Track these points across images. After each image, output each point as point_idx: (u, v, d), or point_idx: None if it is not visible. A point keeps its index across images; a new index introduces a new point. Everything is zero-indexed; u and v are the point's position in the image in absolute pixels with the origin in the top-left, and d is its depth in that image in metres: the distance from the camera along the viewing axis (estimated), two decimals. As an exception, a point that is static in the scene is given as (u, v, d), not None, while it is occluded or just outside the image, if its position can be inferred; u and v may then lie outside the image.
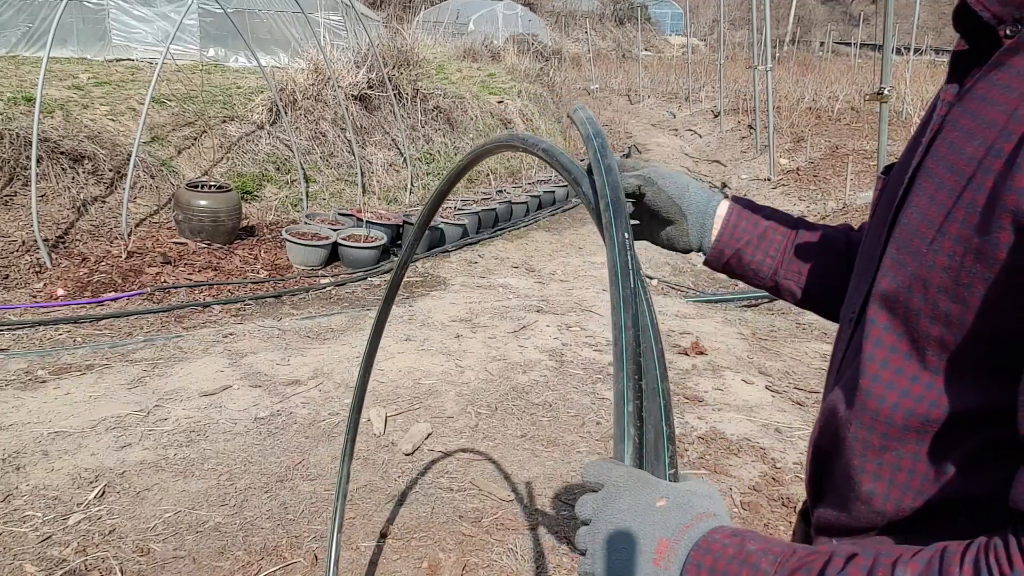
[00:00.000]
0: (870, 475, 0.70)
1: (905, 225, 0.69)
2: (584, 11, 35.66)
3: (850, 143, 11.41)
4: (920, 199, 0.68)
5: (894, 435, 0.67)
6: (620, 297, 0.70)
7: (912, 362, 0.66)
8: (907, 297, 0.66)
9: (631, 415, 0.62)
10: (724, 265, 1.03)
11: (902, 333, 0.67)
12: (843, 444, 0.73)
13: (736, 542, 0.58)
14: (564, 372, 4.24)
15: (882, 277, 0.70)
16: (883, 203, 0.81)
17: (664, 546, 0.58)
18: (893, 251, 0.69)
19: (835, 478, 0.77)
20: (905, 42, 20.26)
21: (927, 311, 0.63)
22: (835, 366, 0.84)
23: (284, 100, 8.27)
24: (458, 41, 17.43)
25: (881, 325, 0.69)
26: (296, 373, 4.03)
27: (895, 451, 0.68)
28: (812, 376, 4.33)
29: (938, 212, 0.64)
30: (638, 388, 0.64)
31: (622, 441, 0.62)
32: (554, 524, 2.85)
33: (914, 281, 0.65)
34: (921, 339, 0.65)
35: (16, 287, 5.24)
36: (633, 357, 0.65)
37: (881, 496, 0.70)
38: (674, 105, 20.98)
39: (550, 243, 8.56)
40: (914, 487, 0.67)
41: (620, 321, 0.68)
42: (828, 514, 0.79)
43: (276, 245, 6.77)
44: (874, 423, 0.69)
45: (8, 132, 6.04)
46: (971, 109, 0.66)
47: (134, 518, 2.70)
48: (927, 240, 0.64)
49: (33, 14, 9.81)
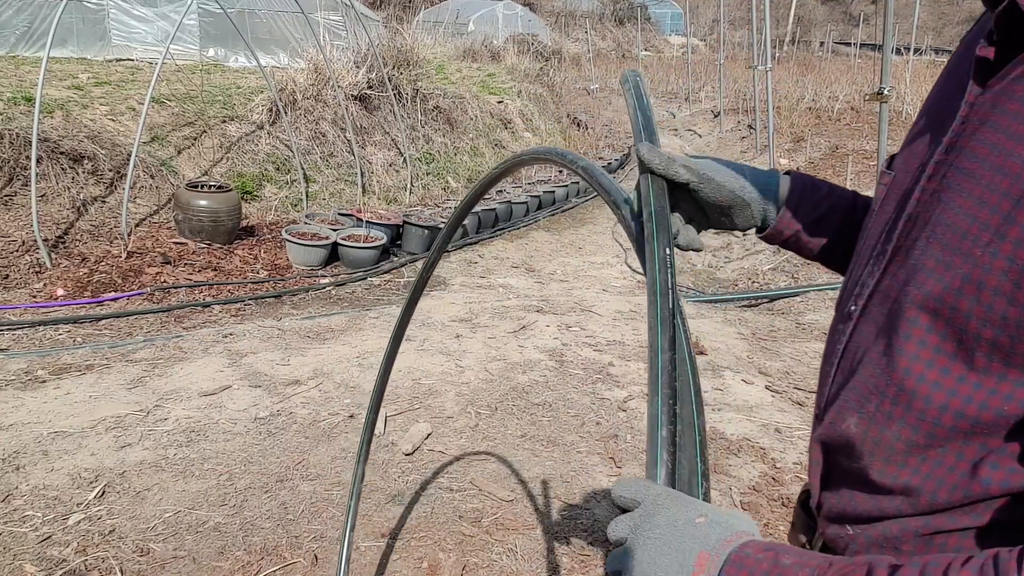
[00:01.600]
0: (910, 470, 0.71)
1: (949, 226, 0.68)
2: (584, 11, 35.66)
3: (850, 143, 11.41)
4: (963, 200, 0.67)
5: (941, 435, 0.67)
6: (659, 319, 0.67)
7: (958, 363, 0.66)
8: (955, 299, 0.65)
9: (665, 440, 0.61)
10: (782, 243, 1.04)
11: (947, 334, 0.67)
12: (880, 443, 0.73)
13: (770, 556, 0.57)
14: (564, 372, 4.24)
15: (924, 278, 0.69)
16: (892, 199, 0.81)
17: (704, 559, 0.58)
18: (936, 251, 0.68)
19: (853, 471, 0.77)
20: (905, 42, 20.25)
21: (979, 313, 0.63)
22: (834, 360, 0.83)
23: (284, 100, 8.27)
24: (458, 41, 17.43)
25: (923, 326, 0.69)
26: (296, 373, 4.03)
27: (939, 448, 0.68)
28: (812, 376, 4.33)
29: (992, 215, 0.64)
30: (672, 414, 0.62)
31: (655, 466, 0.61)
32: (554, 524, 2.85)
33: (965, 284, 0.64)
34: (970, 340, 0.64)
35: (16, 287, 5.24)
36: (669, 382, 0.63)
37: (916, 489, 0.70)
38: (674, 105, 20.98)
39: (550, 243, 8.56)
40: (951, 481, 0.68)
41: (657, 343, 0.66)
42: (843, 503, 0.79)
43: (276, 245, 6.77)
44: (920, 423, 0.69)
45: (8, 132, 6.04)
46: (1014, 111, 0.65)
47: (134, 518, 2.70)
48: (982, 242, 0.64)
49: (33, 14, 9.81)
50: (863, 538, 0.77)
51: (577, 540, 2.76)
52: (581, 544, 2.73)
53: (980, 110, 0.69)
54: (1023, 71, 0.66)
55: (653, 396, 0.63)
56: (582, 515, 2.90)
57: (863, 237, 0.86)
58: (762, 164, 11.44)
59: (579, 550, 2.70)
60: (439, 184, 9.54)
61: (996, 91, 0.68)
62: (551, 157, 1.04)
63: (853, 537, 0.78)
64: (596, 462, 3.30)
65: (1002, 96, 0.67)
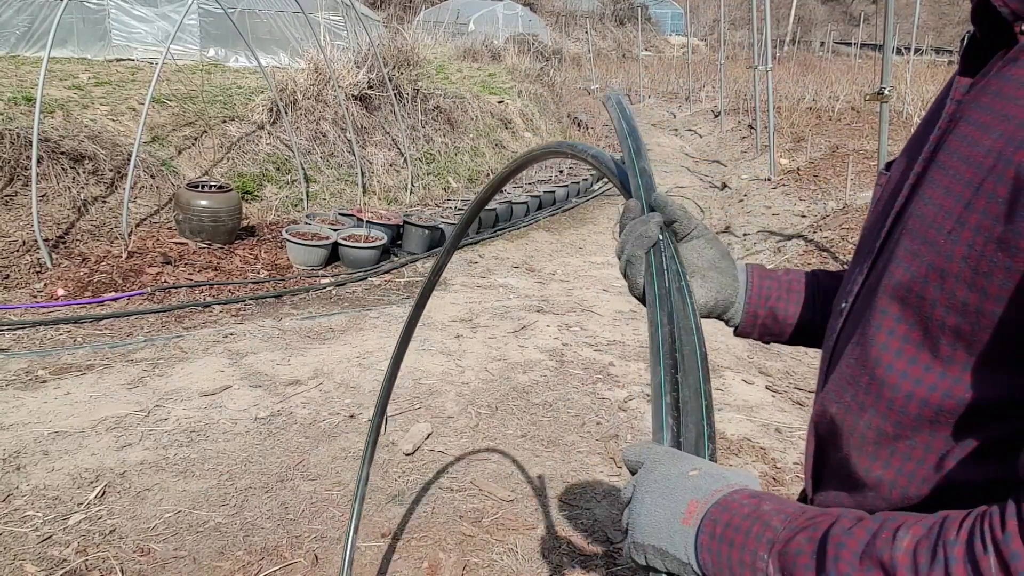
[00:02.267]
0: (881, 462, 0.71)
1: (919, 217, 0.69)
2: (584, 11, 35.65)
3: (850, 143, 11.41)
4: (934, 192, 0.69)
5: (908, 424, 0.68)
6: (656, 296, 0.73)
7: (924, 352, 0.67)
8: (922, 287, 0.66)
9: (669, 406, 0.66)
10: (760, 326, 1.01)
11: (915, 323, 0.68)
12: (853, 432, 0.74)
13: (753, 502, 0.61)
14: (564, 372, 4.24)
15: (895, 268, 0.71)
16: (886, 198, 0.82)
17: (694, 507, 0.62)
18: (907, 242, 0.70)
19: (837, 465, 0.78)
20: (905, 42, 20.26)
21: (943, 300, 0.64)
22: (827, 355, 0.85)
23: (284, 100, 8.27)
24: (458, 41, 17.42)
25: (893, 315, 0.70)
26: (296, 373, 4.03)
27: (907, 440, 0.69)
28: (812, 376, 4.32)
29: (955, 203, 0.65)
30: (674, 381, 0.67)
31: (660, 431, 0.65)
32: (554, 524, 2.85)
33: (930, 271, 0.65)
34: (935, 328, 0.65)
35: (16, 287, 5.24)
36: (669, 352, 0.68)
37: (888, 483, 0.71)
38: (674, 105, 20.98)
39: (550, 243, 8.56)
40: (921, 475, 0.68)
41: (656, 319, 0.71)
42: (829, 500, 0.80)
43: (276, 245, 6.77)
44: (889, 412, 0.70)
45: (8, 132, 6.04)
46: (986, 104, 0.67)
47: (134, 518, 2.70)
48: (945, 230, 0.65)
49: (33, 14, 9.81)
50: None
51: (577, 540, 2.76)
52: (581, 544, 2.74)
53: (963, 107, 0.71)
54: (999, 67, 0.68)
55: (655, 366, 0.68)
56: (582, 515, 2.91)
57: (861, 239, 0.88)
58: (762, 164, 11.44)
59: (579, 550, 2.70)
60: (440, 184, 9.54)
61: (979, 87, 0.70)
62: (563, 150, 1.06)
63: None
64: (596, 462, 3.30)
65: (980, 91, 0.69)
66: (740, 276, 0.98)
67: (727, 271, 0.95)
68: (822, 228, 7.48)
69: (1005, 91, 0.65)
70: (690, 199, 11.25)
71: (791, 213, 8.76)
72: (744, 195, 10.51)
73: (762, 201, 9.73)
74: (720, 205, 10.68)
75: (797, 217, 8.53)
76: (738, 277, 0.97)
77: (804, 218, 8.37)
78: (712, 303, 0.94)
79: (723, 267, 0.94)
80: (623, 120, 0.96)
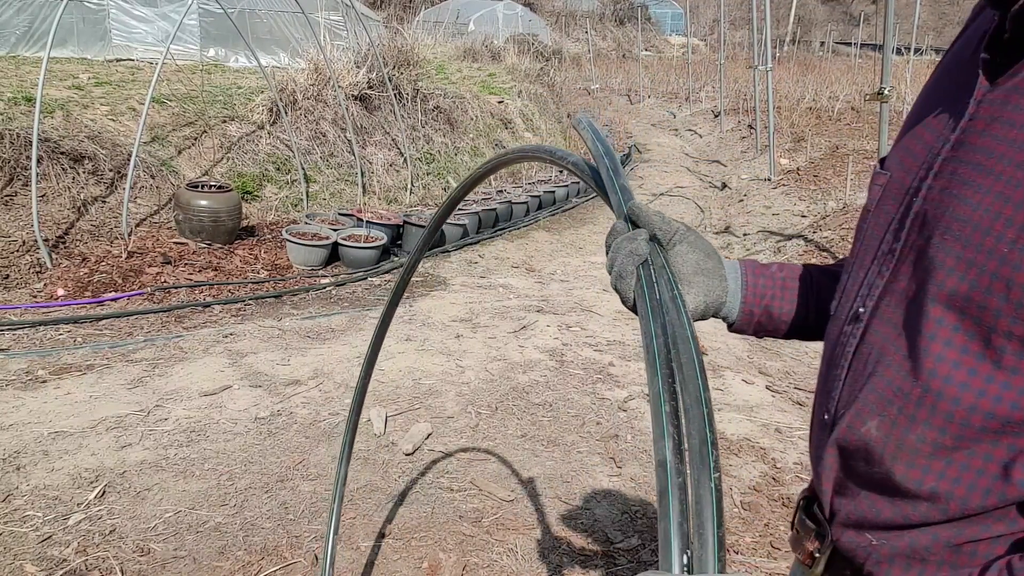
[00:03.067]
0: (935, 474, 0.70)
1: (966, 222, 0.67)
2: (584, 11, 35.66)
3: (850, 143, 11.41)
4: (981, 196, 0.67)
5: (969, 436, 0.67)
6: (648, 308, 0.75)
7: (986, 363, 0.65)
8: (984, 297, 0.65)
9: (668, 415, 0.66)
10: (755, 324, 1.00)
11: (974, 334, 0.66)
12: (903, 446, 0.72)
13: None
14: (564, 372, 4.24)
15: (945, 277, 0.68)
16: (891, 197, 0.80)
17: None
18: (955, 249, 0.68)
19: (874, 477, 0.76)
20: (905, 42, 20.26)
21: (1009, 311, 0.63)
22: (843, 363, 0.81)
23: (284, 100, 8.27)
24: (458, 41, 17.42)
25: (949, 325, 0.68)
26: (296, 373, 4.03)
27: (967, 450, 0.67)
28: (812, 376, 4.32)
29: (1016, 211, 0.63)
30: (672, 390, 0.67)
31: (662, 439, 0.65)
32: (554, 524, 2.85)
33: (994, 281, 0.64)
34: (999, 339, 0.64)
35: (16, 287, 5.24)
36: (666, 362, 0.69)
37: (945, 495, 0.69)
38: (674, 105, 20.98)
39: (550, 243, 8.56)
40: (982, 486, 0.67)
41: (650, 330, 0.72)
42: (862, 510, 0.78)
43: (276, 245, 6.77)
44: (947, 425, 0.68)
45: (8, 132, 6.04)
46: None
47: (134, 518, 2.70)
48: (1007, 239, 0.63)
49: (33, 14, 9.80)
50: (887, 548, 0.75)
51: (577, 540, 2.76)
52: (581, 544, 2.74)
53: (990, 107, 0.69)
54: None
55: (653, 377, 0.68)
56: (582, 515, 2.90)
57: (861, 240, 0.85)
58: (762, 164, 11.44)
59: (579, 550, 2.70)
60: (440, 184, 9.55)
61: (1008, 88, 0.68)
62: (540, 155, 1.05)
63: (876, 547, 0.76)
64: (596, 462, 3.30)
65: (1015, 92, 0.67)
66: (730, 274, 0.97)
67: (713, 272, 0.93)
68: (822, 228, 7.49)
69: None
70: (690, 199, 11.25)
71: (791, 213, 8.76)
72: (744, 195, 10.51)
73: (762, 201, 9.73)
74: (720, 205, 10.69)
75: (797, 217, 8.53)
76: (726, 276, 0.96)
77: (804, 218, 8.37)
78: (702, 307, 0.93)
79: (708, 268, 0.93)
80: (597, 141, 0.96)
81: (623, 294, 0.84)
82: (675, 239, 0.89)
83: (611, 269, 0.85)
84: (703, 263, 0.92)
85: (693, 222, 9.78)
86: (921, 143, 0.77)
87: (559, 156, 1.01)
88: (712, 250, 0.94)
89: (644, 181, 12.67)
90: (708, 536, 0.61)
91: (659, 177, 13.01)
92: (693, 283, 0.91)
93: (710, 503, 0.63)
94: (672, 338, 0.72)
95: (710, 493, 0.63)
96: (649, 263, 0.81)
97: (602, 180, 0.93)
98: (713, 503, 0.62)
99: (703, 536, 0.61)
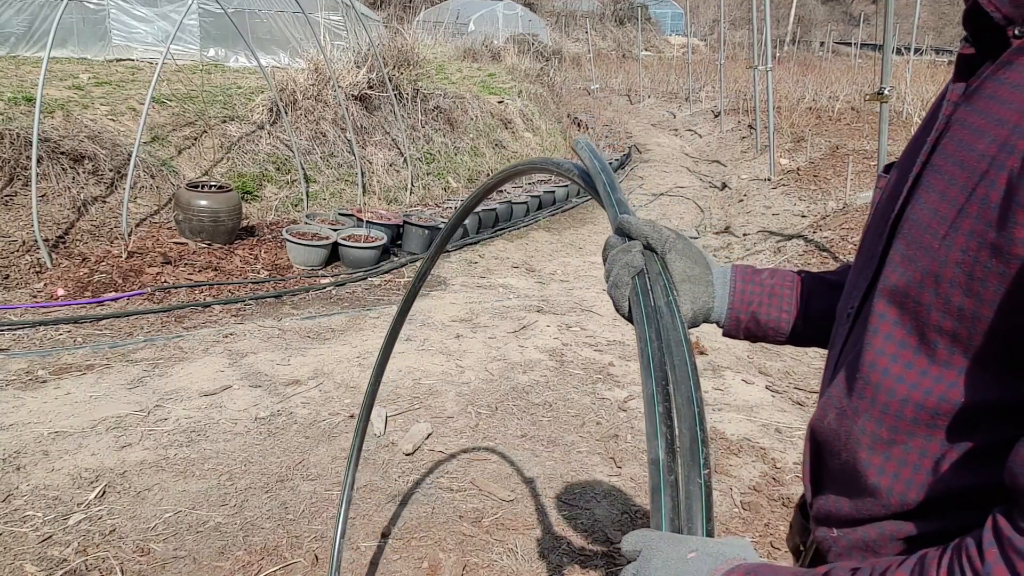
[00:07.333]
0: (876, 468, 0.71)
1: (915, 221, 0.69)
2: (584, 11, 35.65)
3: (850, 143, 11.41)
4: (929, 196, 0.69)
5: (903, 428, 0.68)
6: (644, 315, 0.79)
7: (921, 357, 0.67)
8: (918, 292, 0.66)
9: (662, 415, 0.69)
10: (744, 330, 1.02)
11: (912, 328, 0.68)
12: (849, 438, 0.74)
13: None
14: (564, 372, 4.24)
15: (891, 273, 0.71)
16: (885, 201, 0.82)
17: None
18: (902, 246, 0.70)
19: (837, 470, 0.78)
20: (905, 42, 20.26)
21: (939, 305, 0.64)
22: (832, 360, 0.85)
23: (284, 100, 8.27)
24: (458, 41, 17.42)
25: (891, 320, 0.70)
26: (296, 373, 4.03)
27: (903, 445, 0.69)
28: (812, 376, 4.33)
29: (950, 208, 0.65)
30: (665, 392, 0.70)
31: (655, 438, 0.68)
32: (554, 524, 2.85)
33: (925, 276, 0.66)
34: (932, 333, 0.65)
35: (16, 287, 5.24)
36: (659, 365, 0.72)
37: (885, 490, 0.71)
38: (674, 105, 20.98)
39: (550, 243, 8.56)
40: (919, 481, 0.68)
41: (644, 335, 0.76)
42: (829, 505, 0.80)
43: (276, 245, 6.77)
44: (883, 417, 0.70)
45: (8, 132, 6.04)
46: (980, 107, 0.67)
47: (134, 518, 2.70)
48: (939, 236, 0.65)
49: (33, 14, 9.81)
50: (844, 541, 0.78)
51: (577, 540, 2.76)
52: (581, 544, 2.74)
53: (954, 110, 0.71)
54: (993, 70, 0.68)
55: (647, 379, 0.71)
56: (582, 515, 2.91)
57: (862, 242, 0.87)
58: (762, 164, 11.44)
59: (579, 550, 2.70)
60: (440, 184, 9.54)
61: (972, 91, 0.70)
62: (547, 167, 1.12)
63: (836, 540, 0.79)
64: (596, 462, 3.30)
65: (973, 95, 0.69)
66: (718, 280, 0.99)
67: (700, 279, 0.95)
68: (822, 228, 7.48)
69: (999, 95, 0.65)
70: (690, 199, 11.25)
71: (791, 213, 8.76)
72: (744, 195, 10.51)
73: (762, 201, 9.73)
74: (720, 205, 10.69)
75: (797, 217, 8.53)
76: (713, 283, 0.98)
77: (804, 218, 8.37)
78: (690, 315, 0.96)
79: (695, 275, 0.95)
80: (594, 160, 1.02)
81: (617, 302, 0.88)
82: (665, 248, 0.91)
83: (608, 278, 0.89)
84: (690, 270, 0.94)
85: (693, 222, 9.78)
86: (915, 149, 0.80)
87: (565, 168, 1.07)
88: (700, 257, 0.97)
89: (644, 181, 12.67)
90: (697, 529, 0.65)
91: (659, 177, 13.01)
92: (681, 291, 0.94)
93: (699, 498, 0.66)
94: (666, 342, 0.75)
95: (699, 489, 0.66)
96: (645, 272, 0.85)
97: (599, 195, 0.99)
98: (702, 498, 0.66)
99: (692, 530, 0.65)
